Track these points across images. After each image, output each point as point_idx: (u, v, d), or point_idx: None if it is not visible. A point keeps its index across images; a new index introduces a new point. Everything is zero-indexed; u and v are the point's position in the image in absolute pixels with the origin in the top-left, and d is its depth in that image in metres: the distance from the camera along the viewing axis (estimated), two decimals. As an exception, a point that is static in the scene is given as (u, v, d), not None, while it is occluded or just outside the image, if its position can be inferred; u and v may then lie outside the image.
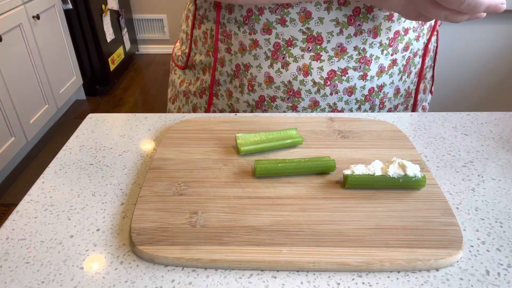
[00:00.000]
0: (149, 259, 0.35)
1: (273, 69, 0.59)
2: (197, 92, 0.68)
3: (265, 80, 0.60)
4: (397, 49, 0.59)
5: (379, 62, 0.59)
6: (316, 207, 0.39)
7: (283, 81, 0.59)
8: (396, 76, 0.62)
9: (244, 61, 0.60)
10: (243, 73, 0.61)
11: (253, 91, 0.61)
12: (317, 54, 0.57)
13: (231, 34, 0.60)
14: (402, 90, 0.64)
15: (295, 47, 0.57)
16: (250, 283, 0.33)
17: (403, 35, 0.58)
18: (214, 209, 0.39)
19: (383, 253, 0.34)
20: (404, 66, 0.62)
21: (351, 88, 0.60)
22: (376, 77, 0.60)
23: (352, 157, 0.47)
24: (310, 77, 0.58)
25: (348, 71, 0.58)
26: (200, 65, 0.67)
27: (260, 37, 0.57)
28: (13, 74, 1.94)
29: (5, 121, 1.89)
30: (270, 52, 0.58)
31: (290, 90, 0.60)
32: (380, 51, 0.58)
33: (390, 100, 0.64)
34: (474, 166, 0.47)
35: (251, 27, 0.57)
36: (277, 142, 0.48)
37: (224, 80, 0.64)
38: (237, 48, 0.60)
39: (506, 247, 0.36)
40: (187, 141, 0.50)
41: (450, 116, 0.57)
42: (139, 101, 2.76)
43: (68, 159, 0.49)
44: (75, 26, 2.57)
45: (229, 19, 0.59)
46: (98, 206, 0.41)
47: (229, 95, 0.64)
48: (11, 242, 0.37)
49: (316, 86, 0.59)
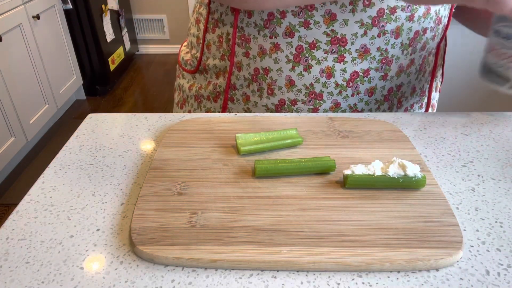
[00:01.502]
0: (149, 259, 0.35)
1: (295, 72, 0.58)
2: (211, 97, 0.68)
3: (286, 84, 0.59)
4: (415, 49, 0.59)
5: (399, 62, 0.59)
6: (316, 207, 0.39)
7: (305, 84, 0.59)
8: (413, 75, 0.62)
9: (264, 65, 0.59)
10: (262, 77, 0.60)
11: (272, 95, 0.61)
12: (340, 56, 0.56)
13: (250, 38, 0.59)
14: (417, 89, 0.65)
15: (318, 50, 0.56)
16: (250, 283, 0.33)
17: (421, 35, 0.58)
18: (214, 209, 0.39)
19: (383, 253, 0.34)
20: (421, 65, 0.62)
21: (372, 89, 0.60)
22: (395, 77, 0.60)
23: (352, 157, 0.47)
24: (333, 79, 0.58)
25: (370, 72, 0.58)
26: (214, 69, 0.66)
27: (282, 41, 0.57)
28: (13, 74, 1.94)
29: (5, 121, 1.89)
30: (292, 55, 0.57)
31: (312, 93, 0.59)
32: (401, 51, 0.58)
33: (407, 99, 0.64)
34: (474, 166, 0.47)
35: (272, 30, 0.57)
36: (277, 142, 0.48)
37: (240, 84, 0.63)
38: (256, 52, 0.59)
39: (506, 247, 0.36)
40: (187, 141, 0.50)
41: (450, 116, 0.57)
42: (139, 101, 2.76)
43: (68, 159, 0.49)
44: (75, 26, 2.57)
45: (248, 23, 0.58)
46: (98, 206, 0.41)
47: (246, 99, 0.64)
48: (11, 242, 0.37)
49: (339, 88, 0.59)
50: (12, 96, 1.92)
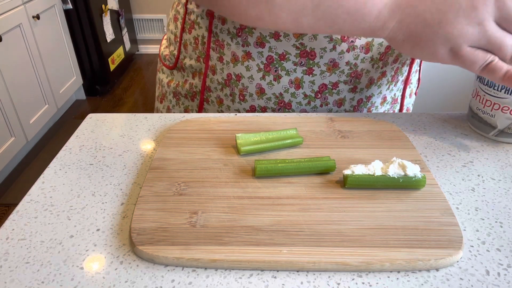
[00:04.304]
0: (149, 259, 0.35)
1: (265, 81, 0.59)
2: (188, 95, 0.68)
3: (256, 91, 0.60)
4: (387, 62, 0.59)
5: (370, 75, 0.59)
6: (316, 207, 0.39)
7: (275, 93, 0.59)
8: (384, 86, 0.62)
9: (236, 71, 0.60)
10: (234, 82, 0.61)
11: (244, 101, 0.62)
12: (309, 68, 0.57)
13: (224, 44, 0.59)
14: (388, 98, 0.65)
15: (287, 61, 0.57)
16: (250, 283, 0.33)
17: (394, 49, 0.57)
18: (214, 209, 0.39)
19: (383, 253, 0.34)
20: (393, 76, 0.62)
21: (341, 100, 0.60)
22: (365, 89, 0.60)
23: (352, 157, 0.47)
24: (302, 90, 0.59)
25: (339, 85, 0.58)
26: (190, 69, 0.66)
27: (253, 50, 0.57)
28: (13, 74, 1.94)
29: (5, 121, 1.89)
30: (263, 64, 0.58)
31: (281, 102, 0.60)
32: (371, 65, 0.58)
33: (377, 108, 0.64)
34: (474, 166, 0.47)
35: (244, 39, 0.57)
36: (277, 142, 0.48)
37: (215, 87, 0.63)
38: (230, 58, 0.59)
39: (506, 247, 0.36)
40: (187, 141, 0.50)
41: (450, 116, 0.57)
42: (139, 101, 2.76)
43: (68, 159, 0.49)
44: (75, 26, 2.57)
45: (222, 30, 0.58)
46: (98, 206, 0.41)
47: (219, 102, 0.64)
48: (11, 242, 0.37)
49: (307, 99, 0.59)
50: (12, 96, 1.92)
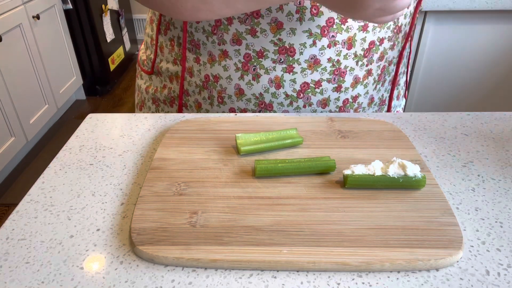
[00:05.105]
0: (149, 259, 0.35)
1: (244, 81, 0.57)
2: (167, 101, 0.65)
3: (235, 92, 0.58)
4: (372, 60, 0.57)
5: (354, 73, 0.57)
6: (316, 207, 0.39)
7: (254, 93, 0.57)
8: (370, 86, 0.60)
9: (214, 72, 0.58)
10: (212, 84, 0.59)
11: (223, 103, 0.59)
12: (289, 66, 0.55)
13: (200, 44, 0.57)
14: (376, 99, 0.63)
15: (266, 59, 0.55)
16: (250, 283, 0.33)
17: (378, 45, 0.56)
18: (214, 209, 0.39)
19: (383, 253, 0.34)
20: (379, 75, 0.60)
21: (325, 100, 0.58)
22: (350, 88, 0.58)
23: (352, 157, 0.47)
24: (282, 89, 0.56)
25: (322, 83, 0.56)
26: (167, 73, 0.64)
27: (230, 48, 0.55)
28: (13, 74, 1.94)
29: (5, 121, 1.89)
30: (241, 63, 0.56)
31: (261, 103, 0.58)
32: (355, 62, 0.56)
33: (364, 109, 0.62)
34: (474, 166, 0.47)
35: (220, 37, 0.55)
36: (277, 142, 0.48)
37: (193, 90, 0.61)
38: (206, 58, 0.57)
39: (506, 247, 0.36)
40: (187, 141, 0.50)
41: (450, 116, 0.57)
42: (139, 101, 2.76)
43: (68, 159, 0.49)
44: (75, 26, 2.57)
45: (197, 28, 0.56)
46: (98, 206, 0.41)
47: (198, 106, 0.62)
48: (11, 242, 0.37)
49: (289, 99, 0.57)
50: (12, 96, 1.92)
